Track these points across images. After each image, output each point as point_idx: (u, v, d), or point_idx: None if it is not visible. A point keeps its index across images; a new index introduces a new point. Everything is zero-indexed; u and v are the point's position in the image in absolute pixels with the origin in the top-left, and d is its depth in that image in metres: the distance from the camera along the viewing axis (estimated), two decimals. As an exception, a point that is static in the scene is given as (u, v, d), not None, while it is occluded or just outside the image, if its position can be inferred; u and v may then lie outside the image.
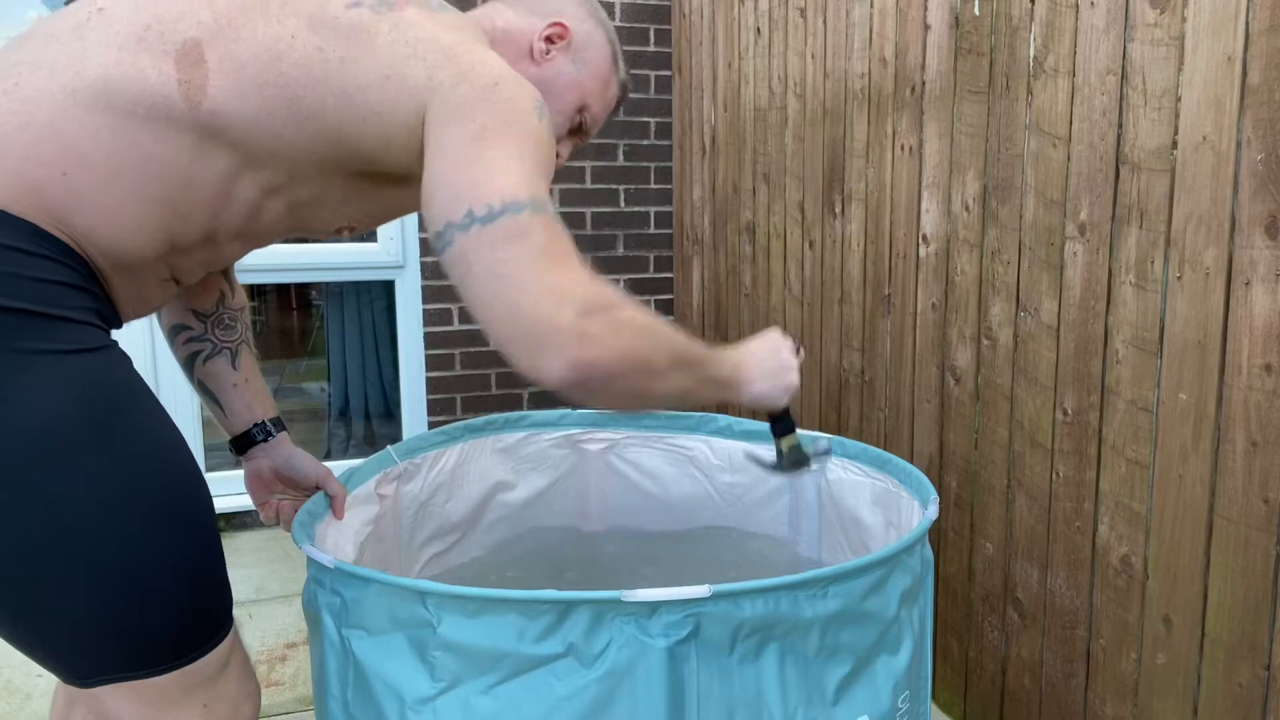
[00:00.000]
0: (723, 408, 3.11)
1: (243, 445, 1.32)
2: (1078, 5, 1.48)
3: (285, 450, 1.34)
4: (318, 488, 1.37)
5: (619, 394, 0.93)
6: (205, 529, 0.99)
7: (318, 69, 0.97)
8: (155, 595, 0.93)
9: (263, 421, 1.32)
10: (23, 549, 0.87)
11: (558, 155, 1.22)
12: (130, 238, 0.96)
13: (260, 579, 2.76)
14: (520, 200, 0.90)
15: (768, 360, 1.21)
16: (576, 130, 1.25)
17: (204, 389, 1.29)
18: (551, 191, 3.40)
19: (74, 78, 0.92)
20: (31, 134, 0.90)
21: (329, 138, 0.99)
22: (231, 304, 1.31)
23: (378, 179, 1.08)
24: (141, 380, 0.98)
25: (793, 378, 1.23)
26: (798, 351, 1.26)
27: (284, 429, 1.34)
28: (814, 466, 1.44)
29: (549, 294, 0.88)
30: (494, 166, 0.92)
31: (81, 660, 0.93)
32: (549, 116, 1.02)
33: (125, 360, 0.97)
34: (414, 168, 1.01)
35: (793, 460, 1.39)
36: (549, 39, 1.20)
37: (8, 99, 0.91)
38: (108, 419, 0.90)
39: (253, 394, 1.31)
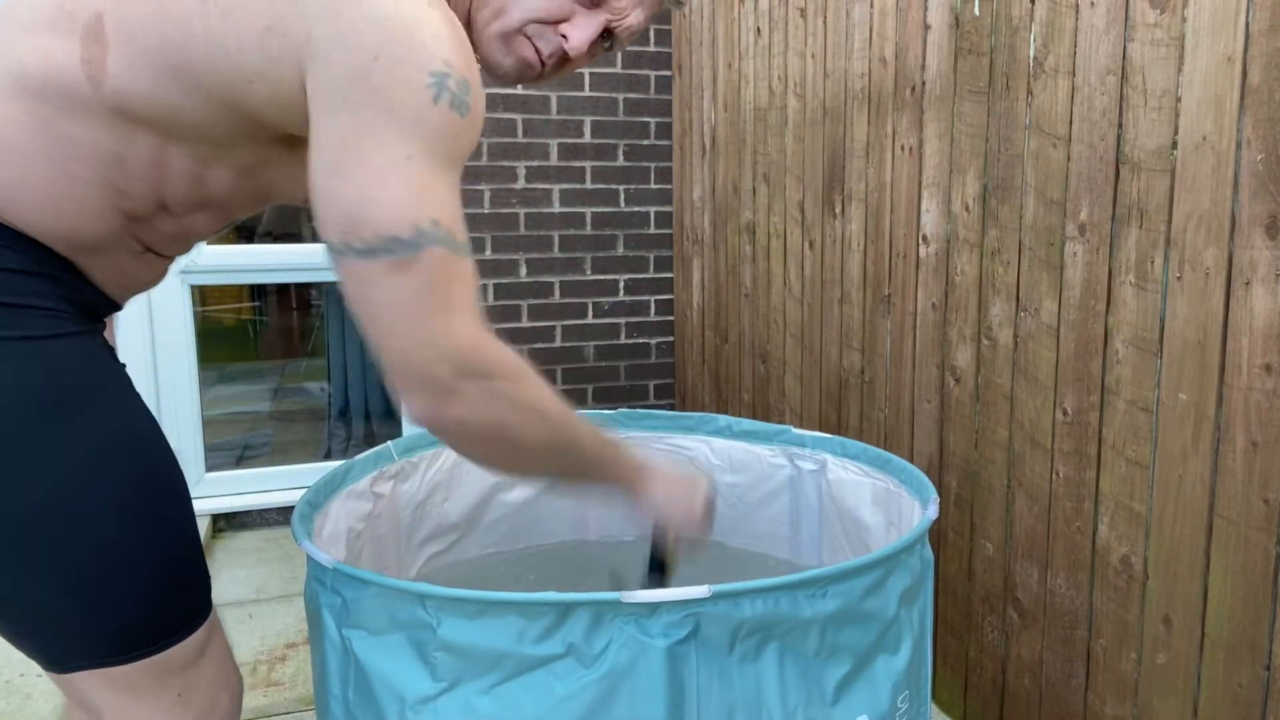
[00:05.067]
0: (722, 408, 3.12)
1: None
2: (1078, 5, 1.48)
3: None
4: None
5: (478, 456, 0.96)
6: (175, 516, 0.97)
7: (197, 24, 0.85)
8: (119, 584, 0.91)
9: None
10: None
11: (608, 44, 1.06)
12: (77, 219, 0.91)
13: (260, 579, 2.76)
14: (400, 234, 0.82)
15: (677, 486, 1.17)
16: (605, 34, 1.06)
17: None
18: (548, 192, 3.44)
19: None
20: None
21: (223, 104, 0.88)
22: None
23: (305, 144, 0.91)
24: (113, 366, 0.95)
25: (700, 514, 1.18)
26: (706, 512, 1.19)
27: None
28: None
29: (424, 345, 0.84)
30: (374, 180, 0.82)
31: (54, 647, 0.93)
32: (462, 84, 0.85)
33: (94, 347, 0.94)
34: None
35: (661, 567, 1.30)
36: None
37: None
38: (62, 405, 0.88)
39: None
